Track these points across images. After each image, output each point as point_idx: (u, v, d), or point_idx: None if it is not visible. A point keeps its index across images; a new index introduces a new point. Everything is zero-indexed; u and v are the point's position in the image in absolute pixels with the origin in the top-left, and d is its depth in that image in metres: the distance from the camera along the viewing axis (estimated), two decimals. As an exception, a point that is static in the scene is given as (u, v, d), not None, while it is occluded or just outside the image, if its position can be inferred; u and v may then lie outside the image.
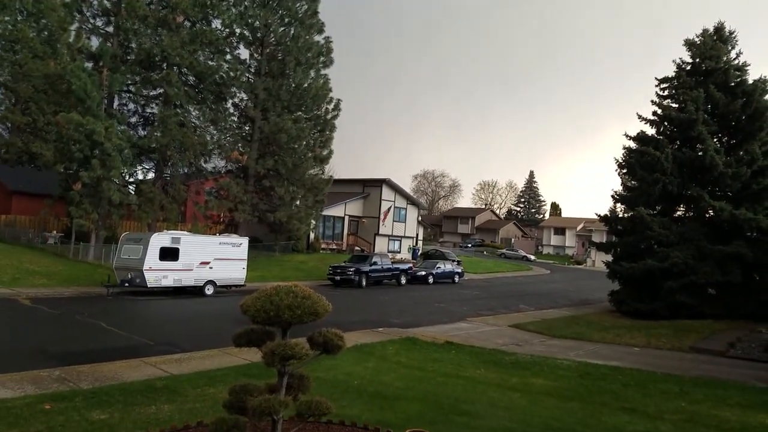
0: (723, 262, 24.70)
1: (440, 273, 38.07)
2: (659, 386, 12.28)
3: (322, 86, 39.06)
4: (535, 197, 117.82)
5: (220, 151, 37.23)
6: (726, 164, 25.98)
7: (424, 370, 12.48)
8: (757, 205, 25.74)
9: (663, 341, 18.96)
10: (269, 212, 36.90)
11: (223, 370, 11.46)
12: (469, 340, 17.31)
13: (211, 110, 35.99)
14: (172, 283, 24.49)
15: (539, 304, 29.28)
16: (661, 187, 26.70)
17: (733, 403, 10.93)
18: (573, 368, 13.87)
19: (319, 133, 39.76)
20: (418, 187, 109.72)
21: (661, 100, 29.25)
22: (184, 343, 14.20)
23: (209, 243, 26.80)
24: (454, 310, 25.09)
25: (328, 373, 11.02)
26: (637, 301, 26.12)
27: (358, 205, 49.33)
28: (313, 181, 38.87)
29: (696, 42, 28.56)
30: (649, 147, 27.79)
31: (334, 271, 32.50)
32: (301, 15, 38.22)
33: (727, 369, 14.82)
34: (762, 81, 27.27)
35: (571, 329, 21.20)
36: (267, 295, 6.40)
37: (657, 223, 26.64)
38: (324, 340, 6.32)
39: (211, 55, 35.50)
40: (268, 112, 36.80)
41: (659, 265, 25.15)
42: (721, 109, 27.11)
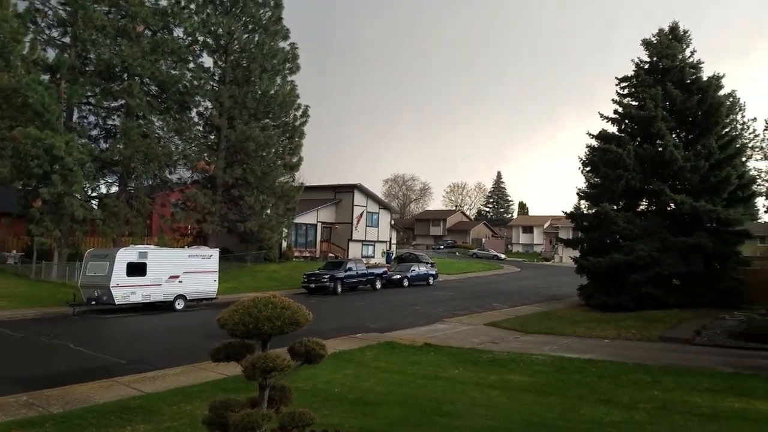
0: (685, 253, 25.39)
1: (415, 276, 38.21)
2: (632, 377, 12.59)
3: (289, 93, 38.82)
4: (503, 197, 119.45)
5: (185, 161, 36.65)
6: (685, 158, 26.75)
7: (403, 374, 12.54)
8: (715, 197, 26.58)
9: (632, 332, 19.42)
10: (239, 222, 36.46)
11: (198, 386, 11.30)
12: (446, 340, 17.46)
13: (175, 120, 35.42)
14: (140, 299, 23.98)
15: (512, 302, 29.66)
16: (624, 182, 27.34)
17: (702, 389, 11.28)
18: (548, 363, 14.12)
19: (288, 140, 39.48)
20: (389, 192, 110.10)
21: (622, 99, 29.94)
22: (156, 361, 13.94)
23: (178, 256, 26.34)
24: (431, 311, 25.24)
25: (308, 383, 10.97)
26: (605, 294, 26.65)
27: (331, 212, 49.18)
28: (283, 189, 38.53)
29: (653, 42, 29.38)
30: (611, 144, 28.43)
31: (309, 278, 32.30)
32: (265, 22, 37.95)
33: (694, 356, 15.27)
34: (715, 78, 28.21)
35: (544, 324, 21.57)
36: (245, 307, 6.35)
37: (621, 218, 27.26)
38: (306, 350, 6.30)
39: (174, 64, 34.95)
40: (235, 120, 36.40)
41: (625, 258, 25.72)
42: (679, 106, 27.91)
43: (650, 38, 29.57)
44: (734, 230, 26.95)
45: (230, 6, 37.22)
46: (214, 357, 6.58)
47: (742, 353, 15.86)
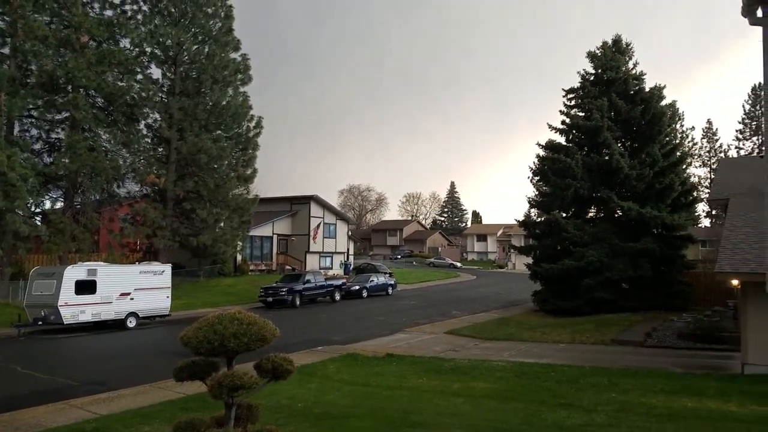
0: (634, 258, 26.28)
1: (374, 286, 38.18)
2: (590, 380, 12.88)
3: (242, 104, 38.42)
4: (457, 207, 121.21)
5: (134, 174, 35.74)
6: (630, 167, 27.77)
7: (368, 385, 12.48)
8: (660, 203, 27.69)
9: (587, 336, 19.92)
10: (192, 236, 35.66)
11: (157, 406, 10.95)
12: (408, 350, 17.49)
13: (122, 132, 34.46)
14: (90, 317, 23.20)
15: (470, 309, 29.99)
16: (573, 191, 28.13)
17: (657, 390, 11.65)
18: (509, 369, 14.31)
19: (242, 151, 39.00)
20: (345, 202, 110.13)
21: (569, 110, 30.89)
22: (111, 381, 13.44)
23: (129, 273, 25.60)
24: (391, 321, 25.24)
25: (270, 398, 10.76)
26: (558, 299, 27.25)
27: (287, 224, 48.70)
28: (237, 202, 37.97)
29: (597, 54, 30.43)
30: (560, 154, 29.24)
31: (266, 292, 31.81)
32: (215, 33, 37.52)
33: (647, 358, 15.77)
34: (657, 88, 29.47)
35: (502, 330, 21.88)
36: (209, 324, 6.23)
37: (571, 225, 28.01)
38: (273, 366, 6.21)
39: (121, 76, 34.07)
40: (185, 132, 35.71)
41: (576, 264, 26.41)
42: (624, 116, 28.98)
43: (595, 51, 30.62)
44: (679, 235, 28.09)
45: (179, 17, 36.65)
46: (177, 376, 6.40)
47: (691, 353, 16.49)
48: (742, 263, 12.81)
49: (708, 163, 71.17)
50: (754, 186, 18.24)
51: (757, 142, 65.91)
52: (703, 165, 71.48)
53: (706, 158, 71.76)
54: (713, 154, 71.28)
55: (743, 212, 16.17)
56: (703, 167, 71.24)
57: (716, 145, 71.94)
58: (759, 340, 13.05)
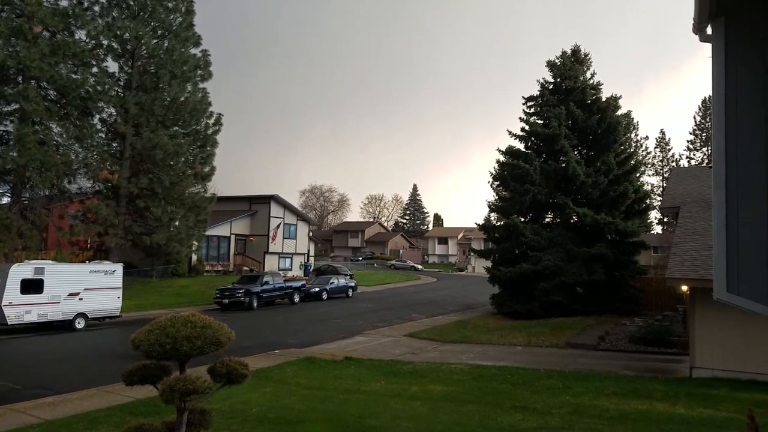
0: (588, 262, 26.88)
1: (334, 288, 37.90)
2: (544, 382, 13.09)
3: (201, 100, 37.61)
4: (419, 209, 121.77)
5: (86, 170, 34.47)
6: (586, 174, 28.43)
7: (325, 389, 12.36)
8: (614, 210, 28.44)
9: (542, 339, 20.28)
10: (145, 235, 34.68)
11: (105, 410, 10.61)
12: (367, 353, 17.44)
13: (75, 127, 33.26)
14: (36, 318, 22.28)
15: (429, 312, 30.15)
16: (531, 196, 28.64)
17: (609, 392, 11.92)
18: (466, 371, 14.42)
19: (200, 149, 38.16)
20: (306, 203, 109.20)
21: (528, 117, 31.43)
22: (56, 385, 12.96)
23: (78, 272, 24.70)
24: (351, 324, 25.15)
25: (224, 403, 10.55)
26: (515, 302, 27.67)
27: (246, 223, 47.91)
28: (194, 200, 37.08)
29: (556, 63, 31.09)
30: (519, 160, 29.75)
31: (222, 293, 31.11)
32: (175, 27, 36.67)
33: (600, 361, 16.14)
34: (613, 98, 30.29)
35: (460, 333, 22.08)
36: (161, 327, 6.05)
37: (529, 230, 28.49)
38: (227, 371, 6.07)
39: (75, 68, 32.88)
40: (141, 127, 34.76)
41: (533, 268, 26.87)
42: (581, 125, 29.66)
43: (554, 60, 31.27)
44: (632, 241, 28.87)
45: (138, 10, 35.71)
46: (127, 380, 6.19)
47: (642, 357, 16.97)
48: (691, 270, 13.24)
49: (660, 172, 73.52)
50: (704, 195, 18.91)
51: (707, 153, 68.48)
52: (656, 174, 73.87)
53: (658, 167, 74.15)
54: (666, 164, 73.69)
55: (693, 220, 16.74)
56: (656, 176, 73.64)
57: (668, 155, 74.44)
58: (706, 344, 13.51)
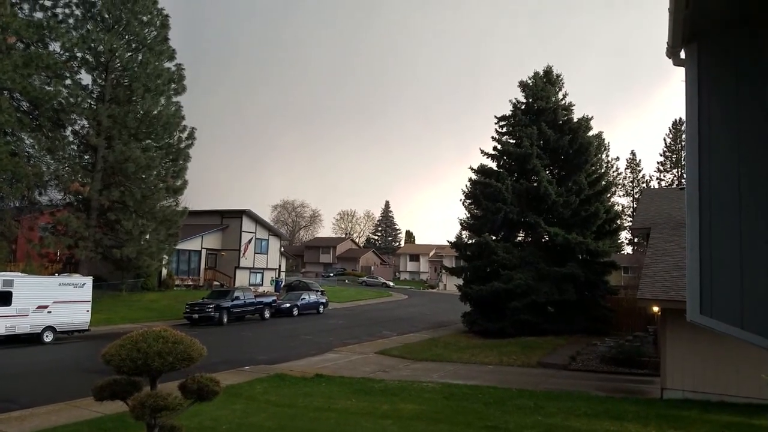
0: (559, 282, 27.20)
1: (305, 304, 37.68)
2: (516, 402, 13.16)
3: (174, 114, 37.39)
4: (391, 226, 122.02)
5: (57, 182, 33.88)
6: (558, 194, 28.89)
7: (295, 407, 12.25)
8: (585, 230, 28.87)
9: (513, 358, 20.39)
10: (115, 248, 34.10)
11: (72, 425, 10.38)
12: (338, 370, 17.34)
13: (47, 138, 32.73)
14: (4, 331, 21.80)
15: (401, 329, 30.13)
16: (503, 215, 28.95)
17: (580, 413, 12.04)
18: (437, 390, 14.43)
19: (172, 162, 37.82)
20: (278, 218, 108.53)
21: (501, 136, 31.92)
22: (23, 399, 12.65)
23: (47, 284, 24.24)
24: (321, 341, 24.98)
25: (193, 420, 10.38)
26: (486, 321, 27.80)
27: (217, 238, 47.44)
28: (165, 214, 36.65)
29: (529, 83, 31.67)
30: (491, 179, 30.10)
31: (192, 308, 30.73)
32: (150, 41, 36.46)
33: (571, 381, 16.30)
34: (585, 119, 30.92)
35: (432, 351, 22.08)
36: (132, 341, 5.99)
37: (501, 248, 28.76)
38: (198, 387, 6.02)
39: (49, 80, 32.45)
40: (114, 140, 34.33)
41: (504, 286, 27.06)
42: (552, 144, 30.19)
43: (526, 80, 31.86)
44: (603, 261, 29.33)
45: (113, 23, 35.48)
46: (97, 395, 6.09)
47: (612, 377, 17.18)
48: (662, 291, 13.51)
49: (631, 193, 74.96)
50: (674, 216, 19.38)
51: (677, 174, 70.13)
52: (626, 194, 75.28)
53: (629, 188, 75.58)
54: (636, 184, 75.19)
55: (664, 241, 17.11)
56: (627, 196, 75.03)
57: (639, 176, 75.96)
58: (676, 365, 13.74)
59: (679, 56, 5.00)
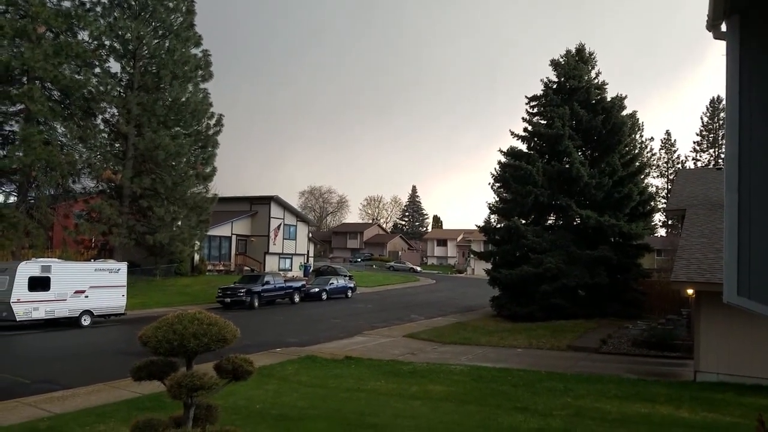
0: (591, 265, 26.87)
1: (333, 289, 38.02)
2: (545, 384, 13.11)
3: (202, 100, 37.80)
4: (418, 211, 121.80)
5: (90, 170, 34.69)
6: (590, 175, 28.39)
7: (326, 387, 12.42)
8: (618, 212, 28.37)
9: (542, 342, 20.28)
10: (148, 234, 34.85)
11: (112, 405, 10.70)
12: (367, 353, 17.48)
13: (79, 127, 33.46)
14: (44, 315, 22.52)
15: (429, 313, 30.17)
16: (533, 198, 28.57)
17: (611, 395, 11.93)
18: (466, 372, 14.45)
19: (201, 149, 38.35)
20: (305, 204, 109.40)
21: (531, 117, 31.37)
22: (64, 380, 13.08)
23: (84, 270, 24.90)
24: (350, 324, 25.19)
25: (227, 399, 10.60)
26: (515, 305, 27.65)
27: (246, 224, 48.04)
28: (196, 200, 37.27)
29: (561, 62, 31.00)
30: (521, 161, 29.67)
31: (224, 293, 31.30)
32: (176, 28, 36.82)
33: (602, 364, 16.15)
34: (618, 98, 30.18)
35: (460, 335, 22.09)
36: (168, 323, 6.10)
37: (531, 232, 28.47)
38: (233, 367, 6.11)
39: (78, 69, 33.14)
40: (143, 127, 34.92)
41: (534, 270, 26.84)
42: (585, 125, 29.60)
43: (558, 59, 31.16)
44: (636, 244, 28.83)
45: (139, 10, 35.89)
46: (135, 375, 6.24)
47: (644, 360, 16.97)
48: (697, 273, 13.23)
49: (666, 174, 73.33)
50: (711, 197, 18.91)
51: (714, 155, 68.33)
52: (660, 175, 73.68)
53: (663, 169, 73.93)
54: (671, 165, 73.48)
55: (699, 223, 16.72)
56: (661, 178, 73.44)
57: (674, 156, 74.20)
58: (711, 348, 13.50)
59: (719, 29, 4.82)
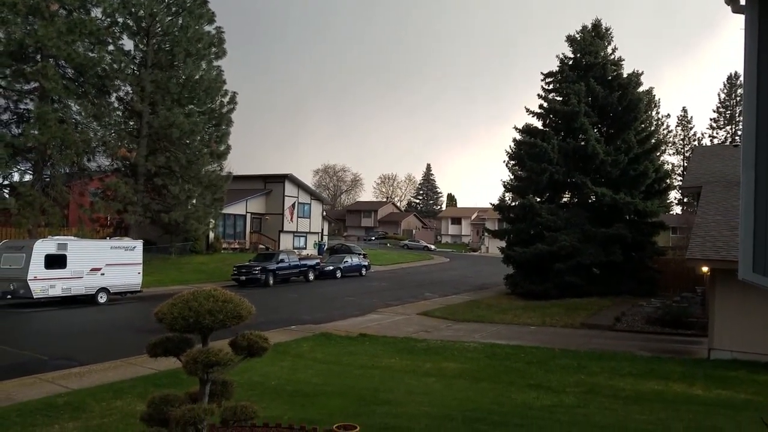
0: (606, 243, 26.66)
1: (348, 267, 38.20)
2: (559, 362, 13.12)
3: (216, 78, 37.75)
4: (432, 189, 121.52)
5: (105, 148, 34.91)
6: (606, 153, 28.04)
7: (340, 364, 12.54)
8: (634, 189, 28.06)
9: (556, 319, 20.25)
10: (163, 212, 35.12)
11: (128, 381, 10.88)
12: (381, 330, 17.60)
13: (93, 105, 33.59)
14: (60, 292, 22.85)
15: (443, 291, 30.24)
16: (548, 176, 28.29)
17: (625, 373, 11.92)
18: (480, 350, 14.50)
19: (215, 127, 38.39)
20: (319, 182, 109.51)
21: (547, 94, 30.97)
22: (81, 356, 13.29)
23: (100, 248, 25.19)
24: (364, 302, 25.32)
25: (243, 376, 10.73)
26: (530, 283, 27.55)
27: (261, 202, 48.24)
28: (210, 178, 37.42)
29: (576, 38, 30.45)
30: (536, 138, 29.35)
31: (239, 270, 31.59)
32: (189, 4, 36.62)
33: (615, 342, 16.10)
34: (635, 75, 29.66)
35: (474, 313, 22.12)
36: (184, 300, 6.14)
37: (545, 210, 28.27)
38: (249, 344, 6.16)
39: (92, 46, 33.13)
40: (157, 105, 34.97)
41: (549, 248, 26.68)
42: (601, 101, 29.15)
43: (574, 34, 30.63)
44: (651, 222, 28.56)
45: (152, -14, 35.69)
46: (151, 352, 6.31)
47: (658, 338, 16.89)
48: (712, 250, 13.09)
49: (682, 151, 72.33)
50: (727, 175, 18.62)
51: (731, 131, 67.22)
52: (677, 153, 72.71)
53: (680, 146, 72.92)
54: (687, 142, 72.44)
55: (715, 200, 16.50)
56: (677, 155, 72.48)
57: (690, 134, 73.12)
58: (725, 325, 13.41)
59: (738, 2, 4.68)
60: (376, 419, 8.18)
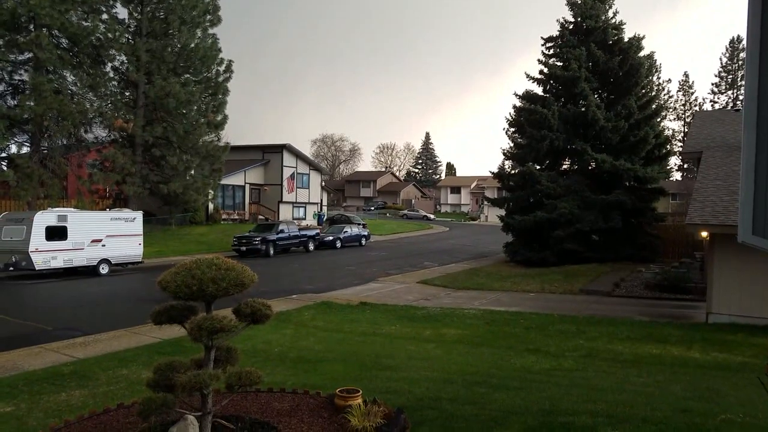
0: (605, 210, 26.68)
1: (347, 237, 38.34)
2: (557, 327, 13.27)
3: (211, 46, 37.27)
4: (431, 158, 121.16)
5: (101, 119, 34.65)
6: (606, 119, 27.86)
7: (342, 332, 12.68)
8: (634, 155, 27.97)
9: (555, 286, 20.41)
10: (162, 183, 35.06)
11: (133, 350, 11.00)
12: (381, 299, 17.74)
13: (89, 75, 33.23)
14: (62, 264, 22.99)
15: (442, 260, 30.40)
16: (548, 143, 28.17)
17: (623, 337, 12.07)
18: (479, 316, 14.65)
19: (211, 96, 38.05)
20: (318, 152, 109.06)
21: (547, 59, 30.58)
22: (85, 326, 13.41)
23: (100, 219, 25.23)
24: (364, 271, 25.47)
25: (246, 343, 10.87)
26: (529, 250, 27.70)
27: (259, 173, 48.13)
28: (208, 149, 37.26)
29: (577, 1, 29.94)
30: (536, 105, 29.13)
31: (239, 241, 31.71)
32: (183, -29, 35.94)
33: (614, 307, 16.27)
34: (636, 39, 29.25)
35: (473, 281, 22.28)
36: (187, 269, 6.17)
37: (545, 177, 28.21)
38: (252, 311, 6.22)
39: (86, 15, 32.64)
40: (153, 75, 34.59)
41: (548, 216, 26.75)
42: (601, 67, 28.85)
43: (575, -2, 30.15)
44: (651, 188, 28.54)
45: (146, -46, 34.99)
46: (155, 320, 6.37)
47: (657, 303, 17.05)
48: (711, 215, 13.12)
49: (683, 117, 71.86)
50: (728, 140, 18.54)
51: (733, 96, 66.70)
52: (677, 118, 72.24)
53: (680, 111, 72.40)
54: (688, 108, 71.91)
55: (715, 165, 16.46)
56: (678, 120, 72.04)
57: (691, 99, 72.51)
58: (723, 289, 13.53)
59: (742, -37, 4.58)
60: (378, 383, 8.30)
